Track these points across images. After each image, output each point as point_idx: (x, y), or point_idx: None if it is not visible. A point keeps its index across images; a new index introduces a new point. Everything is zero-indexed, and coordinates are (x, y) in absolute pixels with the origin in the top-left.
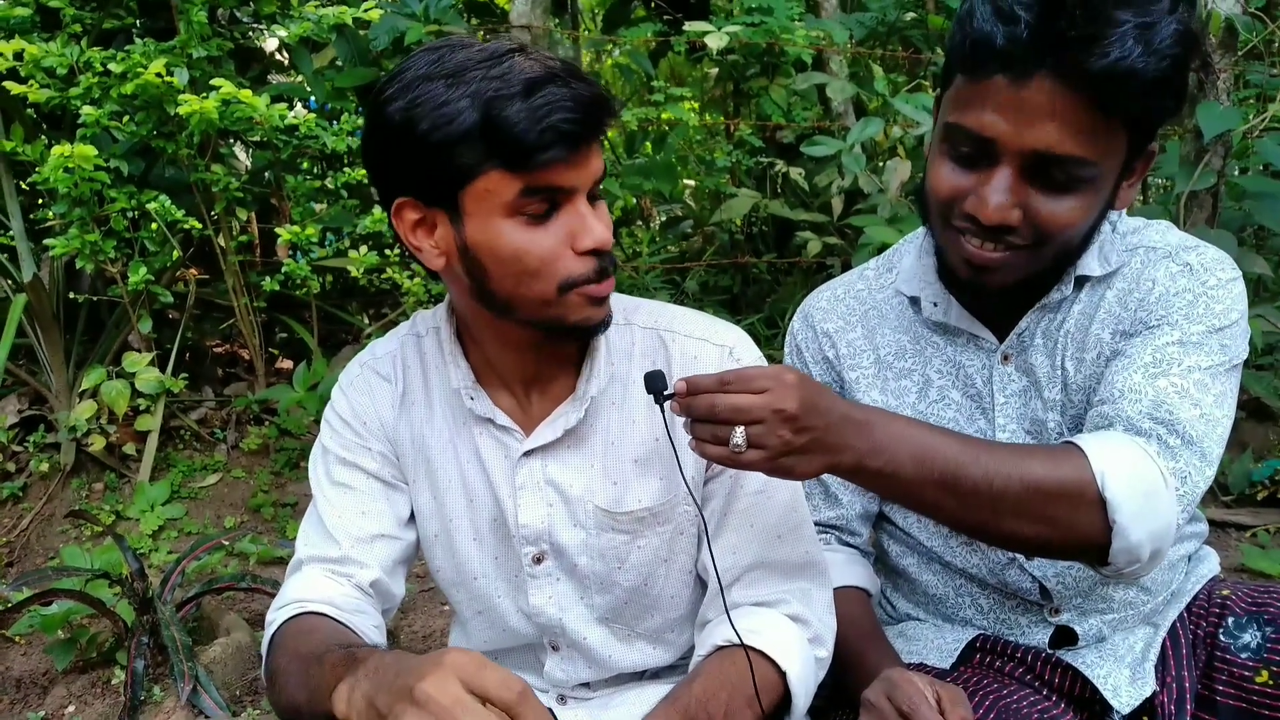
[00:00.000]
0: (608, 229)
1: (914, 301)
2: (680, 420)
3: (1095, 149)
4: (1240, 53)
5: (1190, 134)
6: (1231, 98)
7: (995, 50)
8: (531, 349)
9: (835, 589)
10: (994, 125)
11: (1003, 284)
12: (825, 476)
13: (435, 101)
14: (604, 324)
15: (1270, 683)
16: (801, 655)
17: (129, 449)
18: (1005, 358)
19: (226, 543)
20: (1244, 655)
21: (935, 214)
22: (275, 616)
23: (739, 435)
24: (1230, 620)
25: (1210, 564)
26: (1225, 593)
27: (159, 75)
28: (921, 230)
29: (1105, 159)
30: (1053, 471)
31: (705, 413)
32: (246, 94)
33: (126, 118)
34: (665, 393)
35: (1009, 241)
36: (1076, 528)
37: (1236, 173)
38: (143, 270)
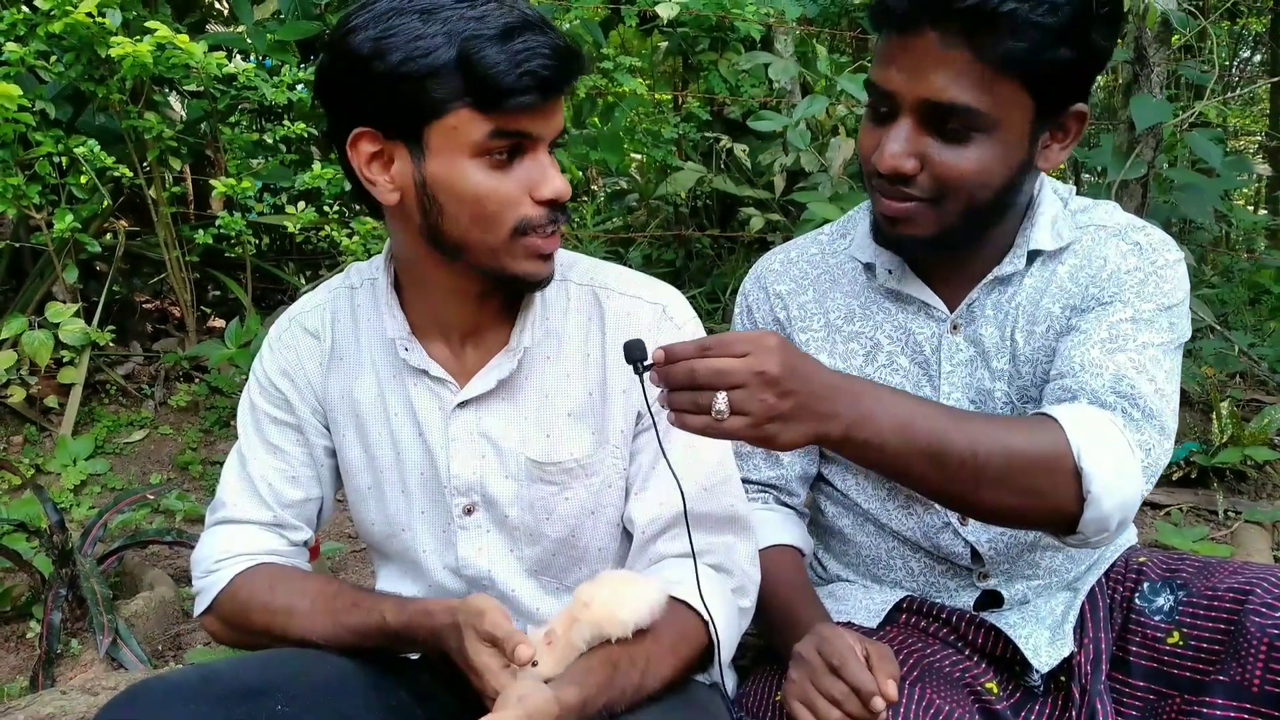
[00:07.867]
0: (566, 183)
1: (868, 268)
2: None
3: (985, 100)
4: (1174, 47)
5: (1124, 125)
6: (1164, 92)
7: (887, 10)
8: (474, 299)
9: (770, 547)
10: (891, 79)
11: (913, 236)
12: None
13: (409, 34)
14: (548, 280)
15: (1180, 643)
16: (725, 604)
17: (51, 402)
18: (955, 327)
19: (152, 497)
20: (1157, 618)
21: (864, 174)
22: (220, 565)
23: (721, 401)
24: (1145, 585)
25: (1129, 534)
26: (1141, 560)
27: (90, 15)
28: None
29: (1000, 110)
30: (1033, 442)
31: (685, 379)
32: (183, 39)
33: (54, 58)
34: (645, 363)
35: (908, 193)
36: (1053, 498)
37: (1165, 166)
38: (69, 218)
